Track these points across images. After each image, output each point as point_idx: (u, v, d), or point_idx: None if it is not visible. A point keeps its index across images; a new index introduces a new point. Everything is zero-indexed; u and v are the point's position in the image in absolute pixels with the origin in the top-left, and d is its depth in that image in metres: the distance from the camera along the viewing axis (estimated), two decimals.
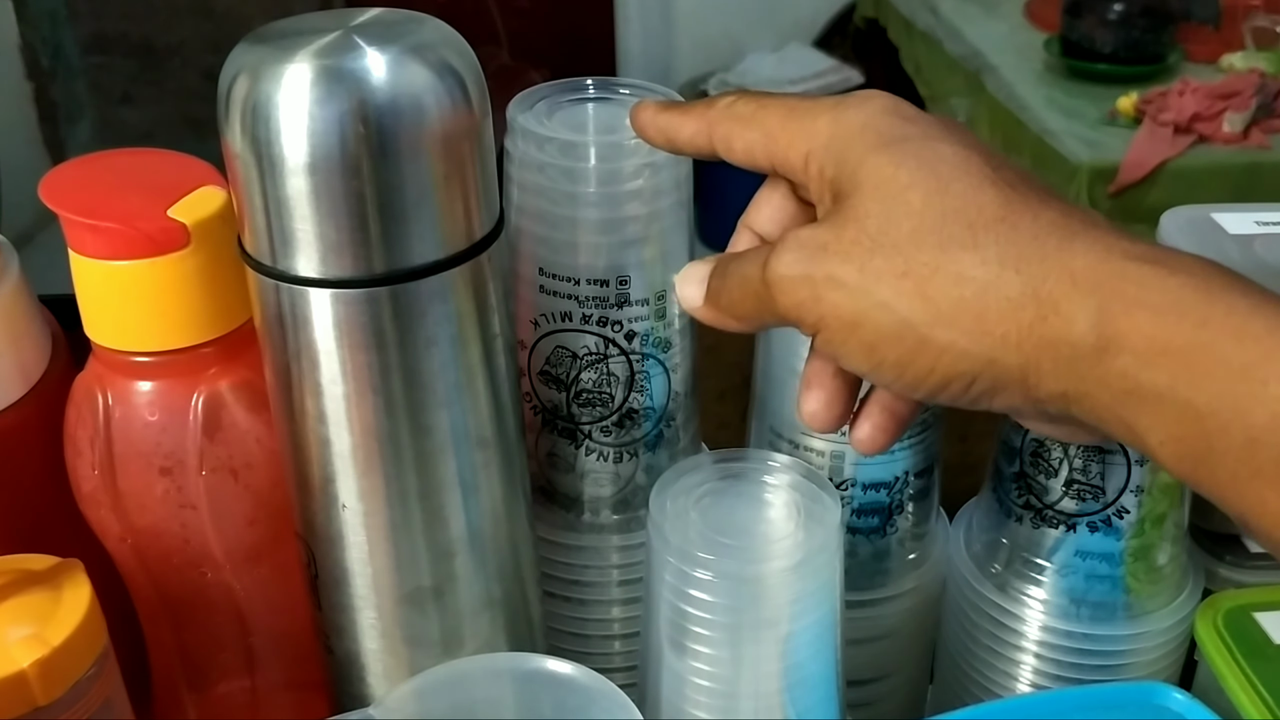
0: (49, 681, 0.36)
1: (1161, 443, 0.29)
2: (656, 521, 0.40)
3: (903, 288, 0.31)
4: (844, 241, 0.32)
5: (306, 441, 0.38)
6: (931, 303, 0.31)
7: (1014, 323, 0.30)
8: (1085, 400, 0.30)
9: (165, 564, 0.43)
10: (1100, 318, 0.29)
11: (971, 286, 0.30)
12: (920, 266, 0.31)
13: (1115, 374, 0.29)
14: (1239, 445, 0.28)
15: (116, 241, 0.39)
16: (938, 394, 0.32)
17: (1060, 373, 0.30)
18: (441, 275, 0.36)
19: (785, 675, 0.40)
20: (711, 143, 0.37)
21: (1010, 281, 0.30)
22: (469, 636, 0.42)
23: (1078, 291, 0.30)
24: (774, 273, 0.33)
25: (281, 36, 0.34)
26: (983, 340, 0.30)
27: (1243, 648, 0.48)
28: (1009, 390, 0.31)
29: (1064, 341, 0.30)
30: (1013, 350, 0.30)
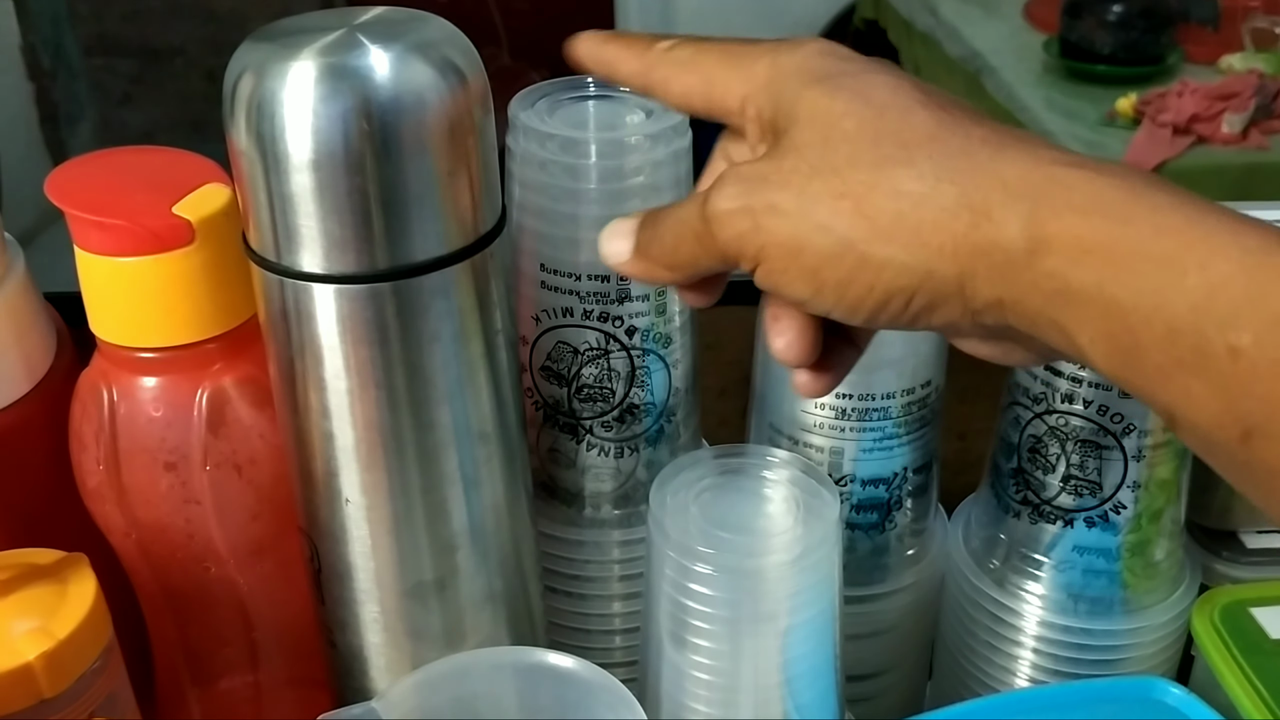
0: (54, 674, 0.36)
1: (1091, 340, 0.30)
2: (657, 516, 0.41)
3: (841, 207, 0.32)
4: (783, 171, 0.33)
5: (310, 436, 0.39)
6: (869, 220, 0.31)
7: (949, 233, 0.31)
8: (1018, 306, 0.31)
9: (169, 559, 0.43)
10: (1030, 221, 0.30)
11: (907, 200, 0.31)
12: (857, 185, 0.32)
13: (1045, 275, 0.30)
14: (1161, 337, 0.28)
15: (122, 238, 0.39)
16: (878, 314, 0.33)
17: (994, 279, 0.31)
18: (444, 271, 0.36)
19: (784, 669, 0.41)
20: (649, 83, 0.37)
21: (945, 193, 0.31)
22: (471, 630, 0.42)
23: (1009, 197, 0.30)
24: (714, 208, 0.33)
25: (286, 35, 0.35)
26: (920, 252, 0.31)
27: (1239, 643, 0.48)
28: (948, 304, 0.32)
29: (997, 247, 0.30)
30: (949, 260, 0.31)
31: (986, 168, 0.31)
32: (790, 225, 0.32)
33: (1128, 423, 0.45)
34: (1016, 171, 0.31)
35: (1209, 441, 0.29)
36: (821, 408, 0.48)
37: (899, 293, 0.32)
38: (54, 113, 2.07)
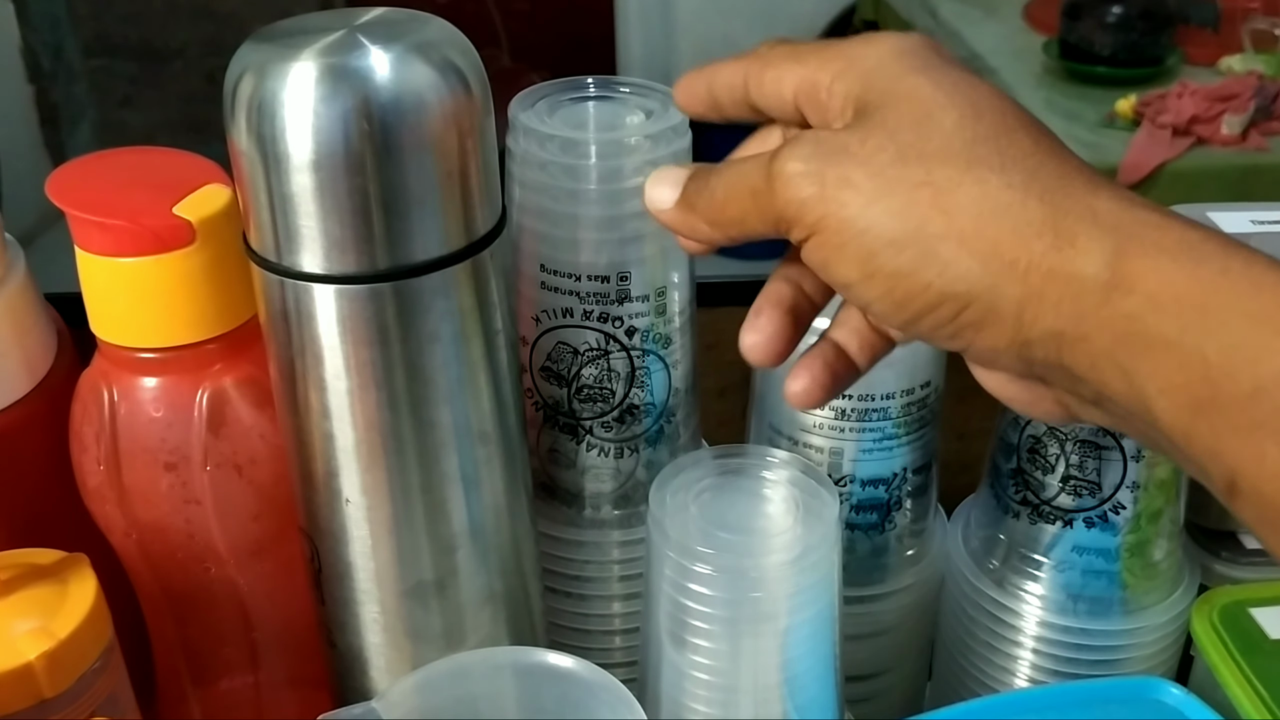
0: (55, 674, 0.36)
1: (1162, 390, 0.28)
2: (656, 516, 0.41)
3: (919, 196, 0.30)
4: (867, 147, 0.31)
5: (310, 436, 0.39)
6: (947, 215, 0.30)
7: (1027, 249, 0.29)
8: (1082, 344, 0.29)
9: (169, 559, 0.43)
10: (1116, 256, 0.29)
11: (992, 205, 0.30)
12: (943, 179, 0.30)
13: (1122, 315, 0.28)
14: (1245, 395, 0.27)
15: (122, 238, 0.39)
16: (922, 317, 0.31)
17: (1063, 309, 0.29)
18: (444, 271, 0.36)
19: (784, 669, 0.41)
20: (745, 80, 0.35)
21: (1033, 208, 0.29)
22: (471, 630, 0.42)
23: (1098, 228, 0.29)
24: (782, 165, 0.32)
25: (287, 35, 0.35)
26: (991, 262, 0.29)
27: (1238, 643, 0.48)
28: (999, 325, 0.30)
29: (1075, 275, 0.29)
30: (1018, 279, 0.29)
31: (1080, 195, 0.30)
32: (860, 202, 0.30)
33: None
34: (1109, 205, 0.29)
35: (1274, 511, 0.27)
36: (821, 408, 0.48)
37: (954, 299, 0.30)
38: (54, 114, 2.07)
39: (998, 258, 0.29)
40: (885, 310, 0.32)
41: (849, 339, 0.36)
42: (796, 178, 0.31)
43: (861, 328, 0.36)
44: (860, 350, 0.36)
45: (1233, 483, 0.28)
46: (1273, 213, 0.55)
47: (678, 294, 0.48)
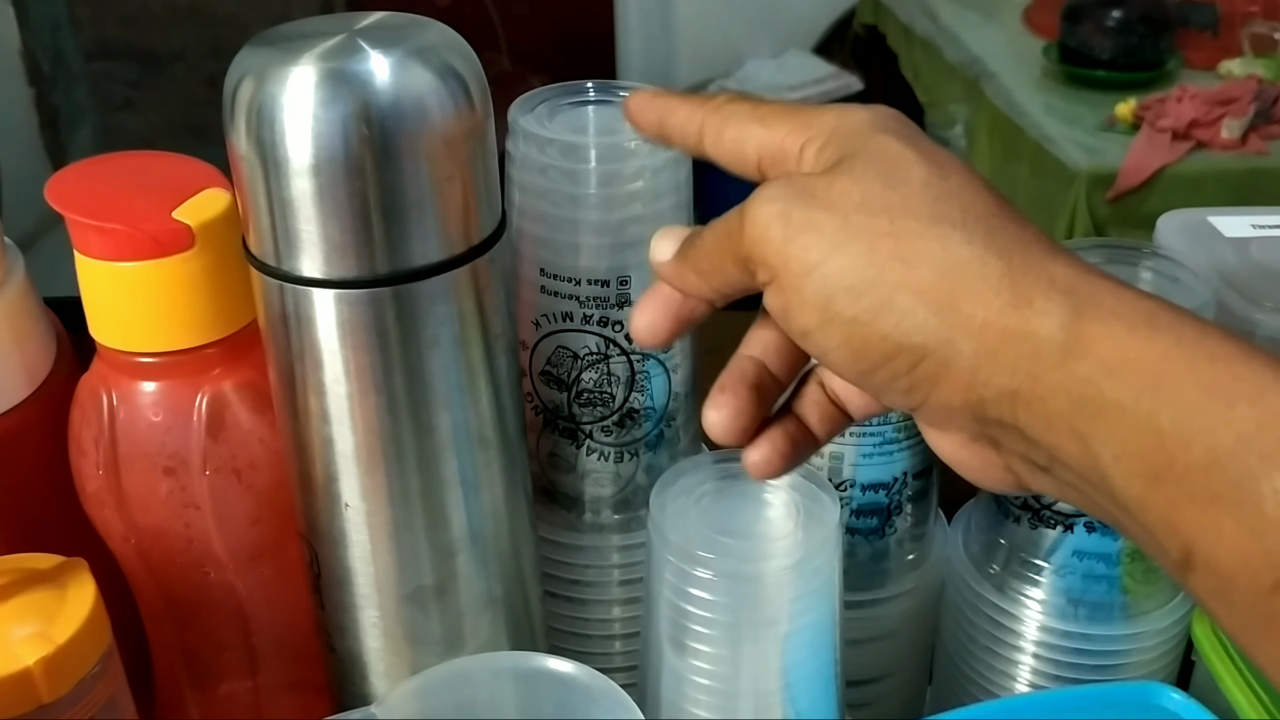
0: (54, 679, 0.36)
1: (1117, 457, 0.28)
2: (657, 521, 0.41)
3: (880, 245, 0.30)
4: (834, 193, 0.31)
5: (310, 441, 0.39)
6: (907, 265, 0.30)
7: (984, 305, 0.29)
8: (1036, 405, 0.29)
9: (168, 564, 0.43)
10: (1073, 318, 0.29)
11: (952, 260, 0.30)
12: (906, 231, 0.30)
13: (1077, 379, 0.28)
14: (1200, 466, 0.27)
15: (122, 243, 0.39)
16: (879, 367, 0.31)
17: (1018, 369, 0.29)
18: (444, 276, 0.36)
19: (785, 674, 0.41)
20: (701, 132, 0.36)
21: (992, 265, 0.29)
22: (470, 635, 0.42)
23: (1055, 290, 0.29)
24: (753, 205, 0.32)
25: (286, 40, 0.35)
26: (947, 315, 0.29)
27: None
28: (954, 381, 0.30)
29: (1030, 335, 0.29)
30: (974, 335, 0.29)
31: (1038, 259, 0.30)
32: (823, 247, 0.31)
33: None
34: (1066, 271, 0.29)
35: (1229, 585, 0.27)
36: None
37: (909, 351, 0.30)
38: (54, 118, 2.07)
39: (954, 311, 0.29)
40: (842, 359, 0.32)
41: (809, 411, 0.37)
42: (764, 217, 0.32)
43: (821, 400, 0.37)
44: (820, 423, 0.36)
45: (1188, 554, 0.28)
46: (1273, 216, 0.55)
47: None
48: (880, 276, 0.30)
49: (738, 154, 0.35)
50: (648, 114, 0.37)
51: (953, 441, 0.33)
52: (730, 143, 0.35)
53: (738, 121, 0.35)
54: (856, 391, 0.36)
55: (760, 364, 0.36)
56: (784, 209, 0.31)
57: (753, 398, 0.35)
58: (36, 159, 2.02)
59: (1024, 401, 0.29)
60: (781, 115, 0.34)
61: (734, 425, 0.35)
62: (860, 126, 0.33)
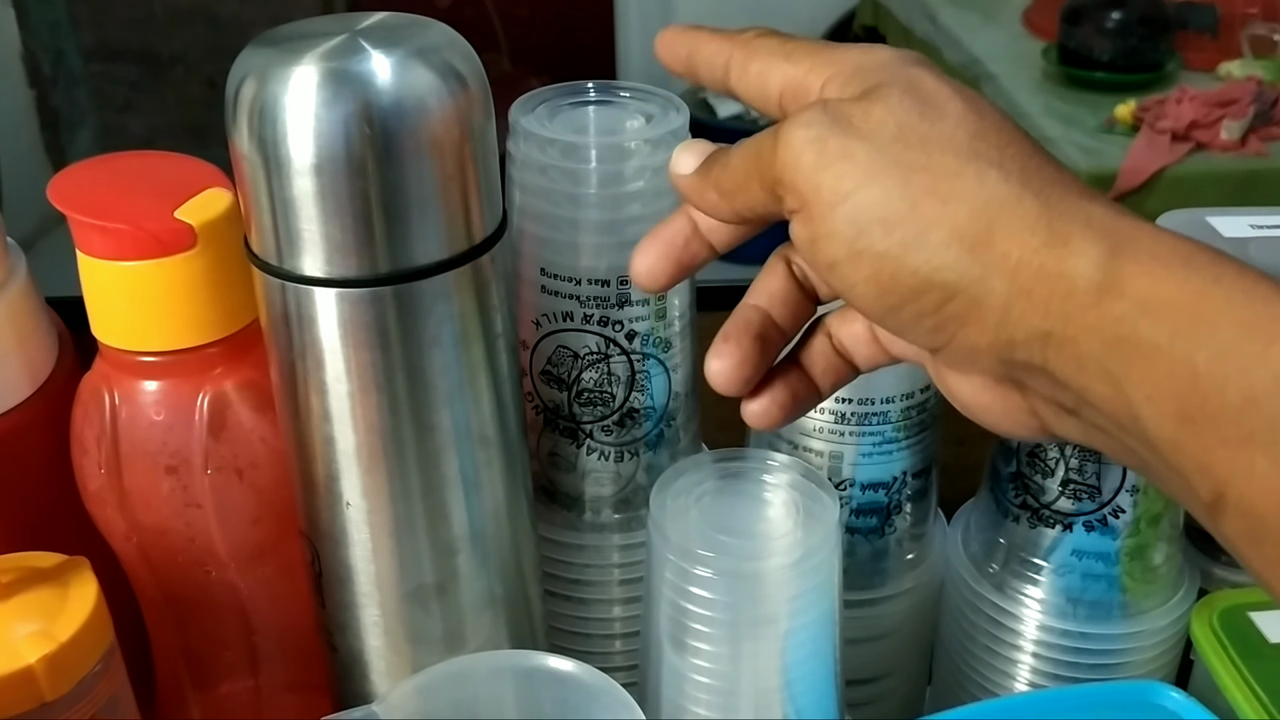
0: (56, 677, 0.36)
1: (1149, 397, 0.28)
2: (657, 519, 0.41)
3: (916, 179, 0.29)
4: (871, 121, 0.30)
5: (311, 440, 0.39)
6: (943, 202, 0.29)
7: (1019, 244, 0.29)
8: (1068, 346, 0.29)
9: (170, 562, 0.43)
10: (1109, 258, 0.28)
11: (988, 197, 0.29)
12: (942, 166, 0.29)
13: (1111, 319, 0.28)
14: (1235, 405, 0.26)
15: (124, 242, 0.39)
16: (906, 304, 0.30)
17: (1051, 309, 0.29)
18: (445, 275, 0.36)
19: (784, 672, 0.41)
20: (728, 64, 0.35)
21: (1029, 204, 0.29)
22: (471, 634, 0.42)
23: (1091, 230, 0.29)
24: (789, 129, 0.31)
25: (288, 40, 0.35)
26: (982, 254, 0.29)
27: (1238, 647, 0.48)
28: (983, 321, 0.29)
29: (1065, 275, 0.28)
30: (1007, 274, 0.29)
31: (1075, 199, 0.29)
32: (856, 175, 0.30)
33: None
34: (1104, 211, 0.29)
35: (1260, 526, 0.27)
36: (821, 412, 0.49)
37: (939, 288, 0.29)
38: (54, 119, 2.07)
39: (989, 249, 0.29)
40: (868, 294, 0.31)
41: (814, 362, 0.36)
42: (798, 142, 0.31)
43: (826, 351, 0.36)
44: (824, 374, 0.36)
45: (1220, 496, 0.27)
46: (1271, 217, 0.55)
47: (678, 298, 0.48)
48: (914, 211, 0.29)
49: (760, 88, 0.34)
50: (677, 49, 0.36)
51: (973, 385, 0.32)
52: (754, 76, 0.34)
53: (764, 56, 0.34)
54: (865, 341, 0.36)
55: (765, 314, 0.35)
56: (820, 134, 0.31)
57: (756, 347, 0.34)
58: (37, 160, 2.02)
59: (1055, 343, 0.29)
60: (807, 51, 0.34)
61: (736, 375, 0.34)
62: (889, 60, 0.32)
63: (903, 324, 0.31)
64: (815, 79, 0.33)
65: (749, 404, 0.35)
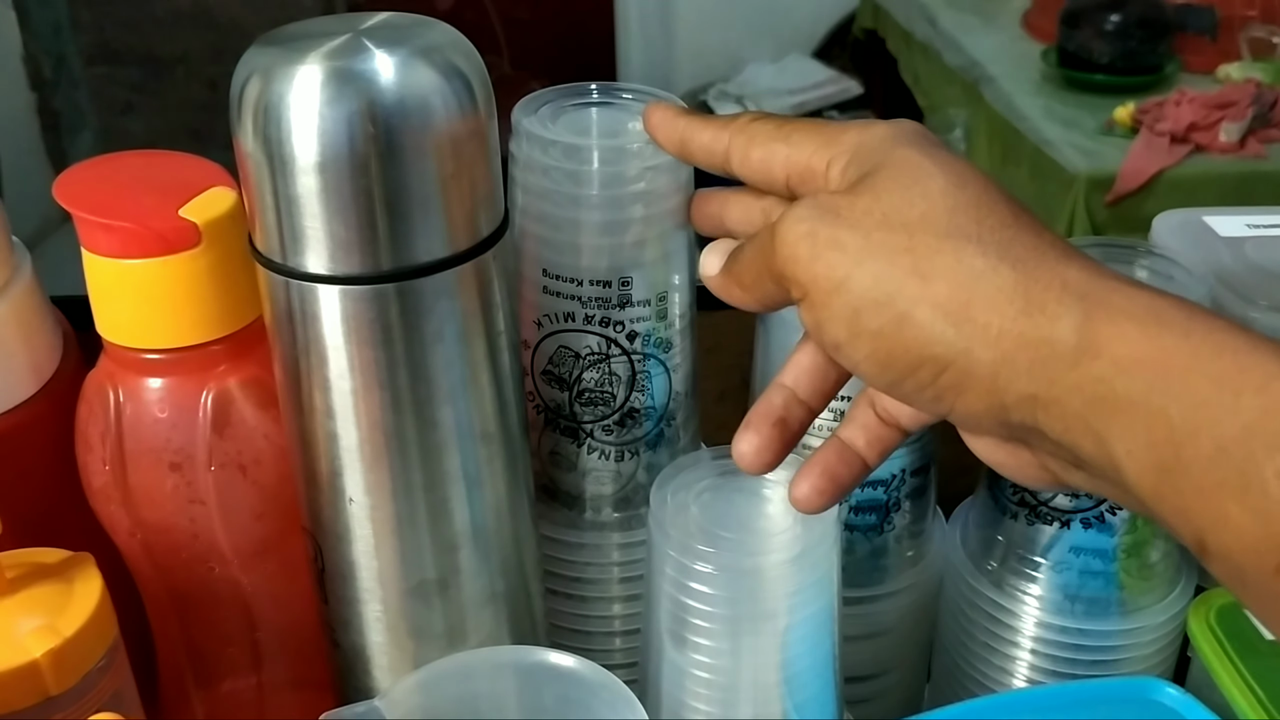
0: (61, 671, 0.36)
1: (1129, 452, 0.29)
2: (657, 516, 0.41)
3: (900, 262, 0.31)
4: (856, 210, 0.33)
5: (314, 436, 0.39)
6: (924, 280, 0.31)
7: (998, 314, 0.30)
8: (1054, 407, 0.30)
9: (173, 559, 0.43)
10: (1084, 321, 0.30)
11: (966, 272, 0.31)
12: (922, 245, 0.31)
13: (1091, 379, 0.29)
14: (1206, 456, 0.28)
15: (129, 240, 0.39)
16: (905, 377, 0.32)
17: (1035, 374, 0.30)
18: (447, 272, 0.37)
19: (784, 668, 0.41)
20: (727, 151, 0.37)
21: (1005, 275, 0.31)
22: (473, 630, 0.43)
23: (1066, 294, 0.30)
24: (783, 225, 0.34)
25: (292, 39, 0.35)
26: (964, 327, 0.31)
27: (1235, 643, 0.48)
28: (977, 389, 0.31)
29: (1044, 340, 0.30)
30: (991, 344, 0.31)
31: (1051, 264, 0.31)
32: (846, 263, 0.32)
33: None
34: (1078, 274, 0.31)
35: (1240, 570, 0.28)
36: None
37: (932, 361, 0.31)
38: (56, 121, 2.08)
39: (970, 322, 0.31)
40: (871, 370, 0.33)
41: (856, 436, 0.38)
42: (793, 237, 0.33)
43: (870, 423, 0.38)
44: (869, 446, 0.38)
45: (1201, 542, 0.29)
46: (1268, 216, 0.55)
47: (679, 297, 0.48)
48: (900, 291, 0.31)
49: (765, 173, 0.37)
50: (668, 132, 0.39)
51: (988, 444, 0.35)
52: (758, 163, 0.37)
53: (763, 141, 0.36)
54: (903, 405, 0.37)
55: (790, 393, 0.38)
56: (811, 228, 0.33)
57: (775, 433, 0.37)
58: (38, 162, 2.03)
59: (1042, 404, 0.30)
60: (806, 133, 0.36)
61: (760, 460, 0.37)
62: (882, 141, 0.34)
63: (907, 395, 0.33)
64: (819, 161, 0.35)
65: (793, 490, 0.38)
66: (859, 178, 0.34)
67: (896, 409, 0.38)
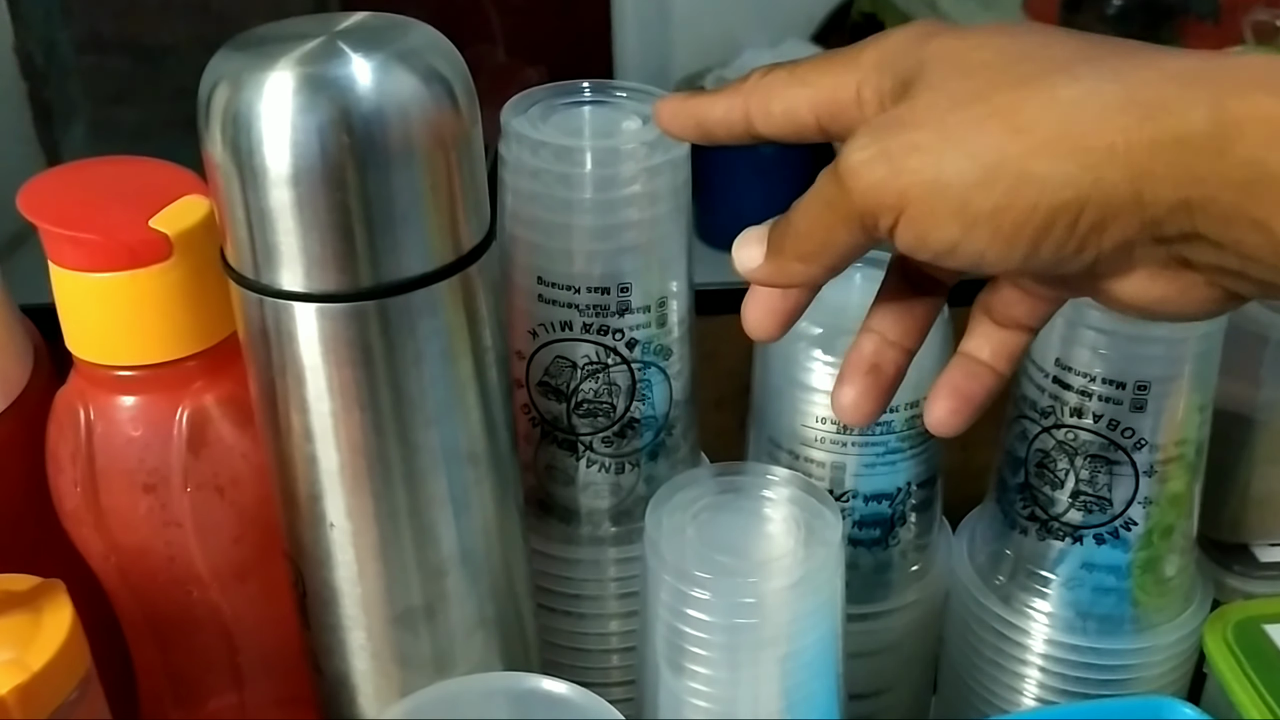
0: (30, 707, 0.35)
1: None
2: (652, 538, 0.39)
3: (988, 127, 0.29)
4: (918, 110, 0.30)
5: (292, 459, 0.37)
6: (1024, 133, 0.29)
7: (1118, 130, 0.28)
8: (1210, 206, 0.28)
9: (150, 583, 0.42)
10: (1213, 107, 0.27)
11: (1064, 105, 0.28)
12: (1005, 105, 0.29)
13: (1238, 164, 0.27)
14: None
15: (96, 253, 0.38)
16: (1040, 243, 0.29)
17: (1178, 176, 0.28)
18: (430, 288, 0.35)
19: (786, 695, 0.40)
20: (747, 115, 0.35)
21: (1107, 90, 0.28)
22: (461, 657, 0.41)
23: (1183, 86, 0.28)
24: (847, 161, 0.31)
25: (262, 43, 0.33)
26: (1087, 157, 0.28)
27: (1252, 661, 0.47)
28: (1121, 216, 0.29)
29: (1177, 139, 0.28)
30: (1120, 162, 0.28)
31: (1150, 64, 0.28)
32: (934, 159, 0.29)
33: (1139, 438, 0.44)
34: (1186, 64, 0.28)
35: None
36: (822, 422, 0.47)
37: (1064, 209, 0.29)
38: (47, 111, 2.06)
39: (1091, 150, 0.28)
40: (1000, 254, 0.30)
41: (980, 346, 0.36)
42: (863, 165, 0.30)
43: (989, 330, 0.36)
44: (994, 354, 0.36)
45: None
46: None
47: (677, 303, 0.47)
48: (1003, 155, 0.29)
49: (792, 124, 0.34)
50: (682, 119, 0.36)
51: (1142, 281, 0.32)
52: (781, 116, 0.34)
53: (780, 91, 0.34)
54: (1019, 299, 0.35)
55: (879, 337, 0.36)
56: (880, 148, 0.30)
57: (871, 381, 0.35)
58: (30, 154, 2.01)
59: (1196, 208, 0.28)
60: (821, 70, 0.33)
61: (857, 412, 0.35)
62: (907, 43, 0.32)
63: (1047, 263, 0.30)
64: (846, 92, 0.33)
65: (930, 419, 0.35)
66: (900, 87, 0.31)
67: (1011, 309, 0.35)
